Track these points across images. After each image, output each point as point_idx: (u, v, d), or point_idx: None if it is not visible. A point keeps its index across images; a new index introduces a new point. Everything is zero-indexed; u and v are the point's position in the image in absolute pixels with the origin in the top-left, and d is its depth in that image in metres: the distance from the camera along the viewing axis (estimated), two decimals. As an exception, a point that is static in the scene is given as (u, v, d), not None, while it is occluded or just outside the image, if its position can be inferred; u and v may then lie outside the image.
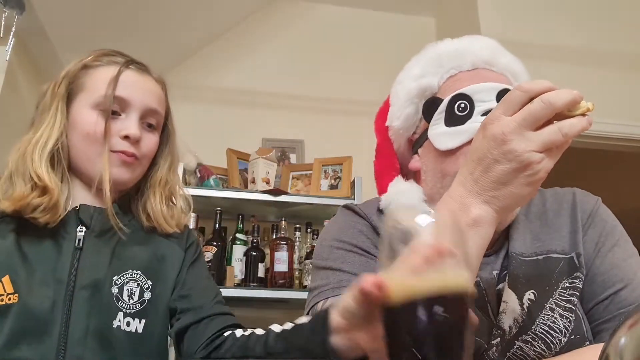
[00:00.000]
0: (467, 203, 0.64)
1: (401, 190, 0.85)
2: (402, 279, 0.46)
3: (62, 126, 0.91)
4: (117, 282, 0.89)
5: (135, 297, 0.89)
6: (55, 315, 0.81)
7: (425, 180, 0.85)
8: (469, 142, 0.75)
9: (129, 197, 0.99)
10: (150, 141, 0.96)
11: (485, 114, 0.75)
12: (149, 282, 0.92)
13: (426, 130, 0.83)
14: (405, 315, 0.45)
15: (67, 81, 0.93)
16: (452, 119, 0.79)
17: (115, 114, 0.91)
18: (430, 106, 0.83)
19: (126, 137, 0.91)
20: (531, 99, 0.60)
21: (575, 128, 0.60)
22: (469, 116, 0.78)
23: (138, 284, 0.91)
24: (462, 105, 0.79)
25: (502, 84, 0.79)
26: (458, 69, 0.83)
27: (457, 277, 0.46)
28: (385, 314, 0.48)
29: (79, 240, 0.88)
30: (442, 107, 0.81)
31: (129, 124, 0.92)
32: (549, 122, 0.60)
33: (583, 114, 0.61)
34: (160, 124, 1.00)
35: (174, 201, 1.02)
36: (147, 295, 0.91)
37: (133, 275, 0.91)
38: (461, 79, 0.82)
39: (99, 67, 0.94)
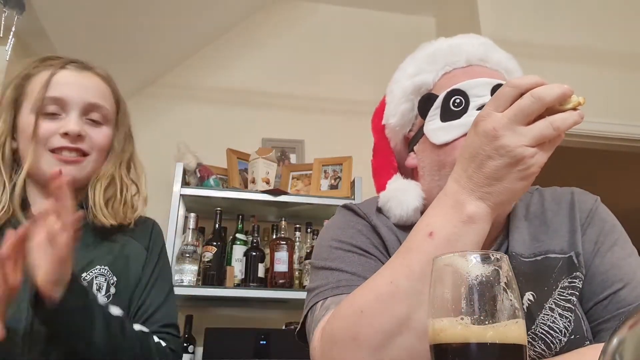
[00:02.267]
0: (462, 200, 0.64)
1: (400, 188, 0.86)
2: (458, 328, 0.45)
3: (5, 133, 0.96)
4: (85, 278, 0.92)
5: (103, 291, 0.94)
6: (20, 314, 0.84)
7: (423, 175, 0.86)
8: (464, 135, 0.75)
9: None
10: (97, 135, 0.99)
11: (480, 108, 0.76)
12: (114, 278, 0.96)
13: (422, 127, 0.84)
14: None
15: (13, 92, 0.97)
16: (448, 114, 0.80)
17: (55, 114, 0.95)
18: (425, 102, 0.83)
19: (65, 134, 0.94)
20: (521, 94, 0.61)
21: (567, 122, 0.59)
22: (464, 110, 0.78)
23: (105, 279, 0.95)
24: (458, 100, 0.79)
25: (497, 80, 0.80)
26: (452, 66, 0.84)
27: (514, 330, 0.46)
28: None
29: None
30: (438, 102, 0.81)
31: (67, 121, 0.95)
32: (540, 117, 0.60)
33: (574, 108, 0.60)
34: (108, 118, 1.01)
35: (119, 195, 1.02)
36: (112, 290, 0.95)
37: (101, 270, 0.95)
38: (456, 75, 0.83)
39: (38, 73, 0.98)
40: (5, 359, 0.82)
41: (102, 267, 0.95)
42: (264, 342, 2.06)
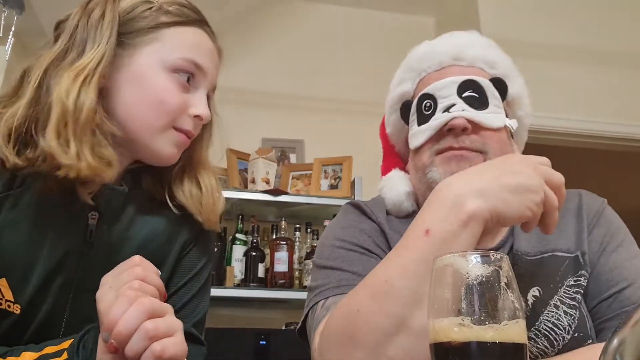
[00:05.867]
0: (464, 197, 0.64)
1: (390, 177, 0.92)
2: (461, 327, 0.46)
3: (108, 58, 0.74)
4: None
5: None
6: (56, 321, 0.75)
7: (411, 176, 0.91)
8: (433, 138, 0.81)
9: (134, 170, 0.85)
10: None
11: (447, 109, 0.80)
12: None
13: None
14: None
15: (130, 16, 0.78)
16: (422, 118, 0.84)
17: (186, 86, 0.79)
18: (404, 110, 0.89)
19: (196, 117, 0.79)
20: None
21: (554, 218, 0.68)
22: (432, 113, 0.82)
23: None
24: (428, 104, 0.83)
25: (465, 76, 0.82)
26: (427, 71, 0.87)
27: (514, 330, 0.46)
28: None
29: (91, 231, 0.76)
30: (413, 109, 0.86)
31: (199, 101, 0.80)
32: None
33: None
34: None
35: (214, 190, 0.89)
36: None
37: None
38: (429, 79, 0.86)
39: (181, 22, 0.80)
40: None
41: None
42: (264, 343, 2.06)
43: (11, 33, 1.66)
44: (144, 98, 0.76)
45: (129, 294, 0.59)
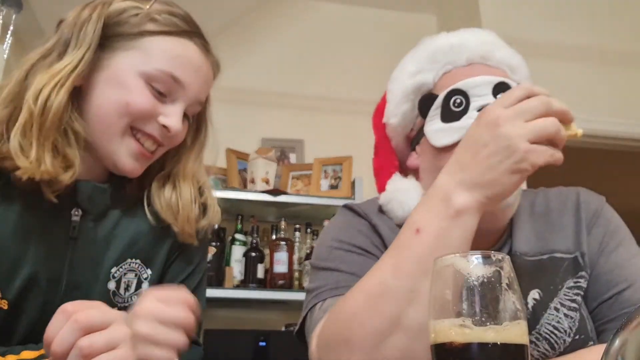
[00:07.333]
0: (450, 192, 0.64)
1: (400, 188, 0.85)
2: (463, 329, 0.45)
3: (85, 63, 0.76)
4: (115, 274, 0.80)
5: (132, 289, 0.81)
6: (47, 318, 0.73)
7: (424, 177, 0.85)
8: None
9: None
10: (180, 135, 0.83)
11: (481, 109, 0.76)
12: (148, 272, 0.83)
13: (423, 126, 0.83)
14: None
15: (117, 20, 0.79)
16: (448, 115, 0.79)
17: (162, 94, 0.79)
18: (426, 102, 0.82)
19: (163, 127, 0.79)
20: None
21: (565, 133, 0.63)
22: (464, 111, 0.78)
23: (136, 275, 0.82)
24: (458, 100, 0.78)
25: (498, 77, 0.79)
26: (453, 65, 0.83)
27: (515, 331, 0.45)
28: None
29: (74, 227, 0.77)
30: (438, 102, 0.80)
31: (172, 113, 0.79)
32: None
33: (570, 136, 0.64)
34: (196, 114, 0.88)
35: (204, 200, 0.88)
36: (145, 286, 0.82)
37: (132, 265, 0.82)
38: (456, 74, 0.82)
39: (167, 32, 0.80)
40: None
41: (133, 260, 0.83)
42: (264, 344, 2.05)
43: (9, 32, 1.66)
44: (112, 99, 0.77)
45: (67, 309, 0.57)
